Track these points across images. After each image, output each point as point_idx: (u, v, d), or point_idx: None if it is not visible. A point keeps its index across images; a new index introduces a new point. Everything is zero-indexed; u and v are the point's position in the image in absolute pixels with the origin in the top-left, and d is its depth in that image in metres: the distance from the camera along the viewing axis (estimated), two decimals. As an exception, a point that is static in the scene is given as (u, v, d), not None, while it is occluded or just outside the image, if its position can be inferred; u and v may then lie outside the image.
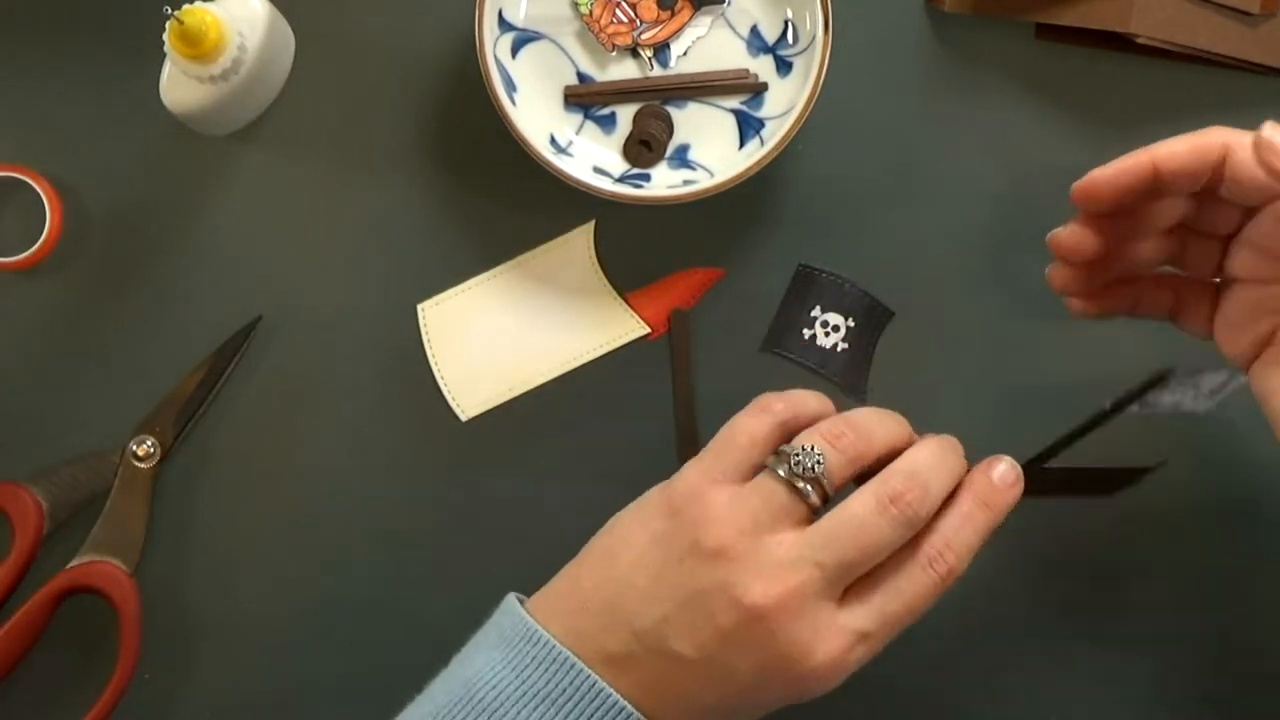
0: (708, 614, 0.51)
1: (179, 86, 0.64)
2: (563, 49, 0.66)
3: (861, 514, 0.52)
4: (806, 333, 0.66)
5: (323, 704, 0.67)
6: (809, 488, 0.53)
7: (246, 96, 0.65)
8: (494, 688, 0.52)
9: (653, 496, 0.55)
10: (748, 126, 0.65)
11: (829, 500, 0.53)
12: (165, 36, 0.61)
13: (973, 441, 0.56)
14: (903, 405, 0.57)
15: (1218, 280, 0.58)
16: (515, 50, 0.65)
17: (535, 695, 0.51)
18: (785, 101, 0.65)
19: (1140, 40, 0.64)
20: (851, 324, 0.66)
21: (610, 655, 0.52)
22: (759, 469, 0.54)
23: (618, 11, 0.65)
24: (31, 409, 0.68)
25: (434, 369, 0.68)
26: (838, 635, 0.51)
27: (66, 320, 0.68)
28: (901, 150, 0.67)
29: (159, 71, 0.65)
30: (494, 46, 0.64)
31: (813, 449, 0.53)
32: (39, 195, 0.67)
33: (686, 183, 0.64)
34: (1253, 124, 0.66)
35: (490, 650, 0.53)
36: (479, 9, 0.63)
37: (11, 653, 0.65)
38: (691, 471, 0.54)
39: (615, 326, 0.68)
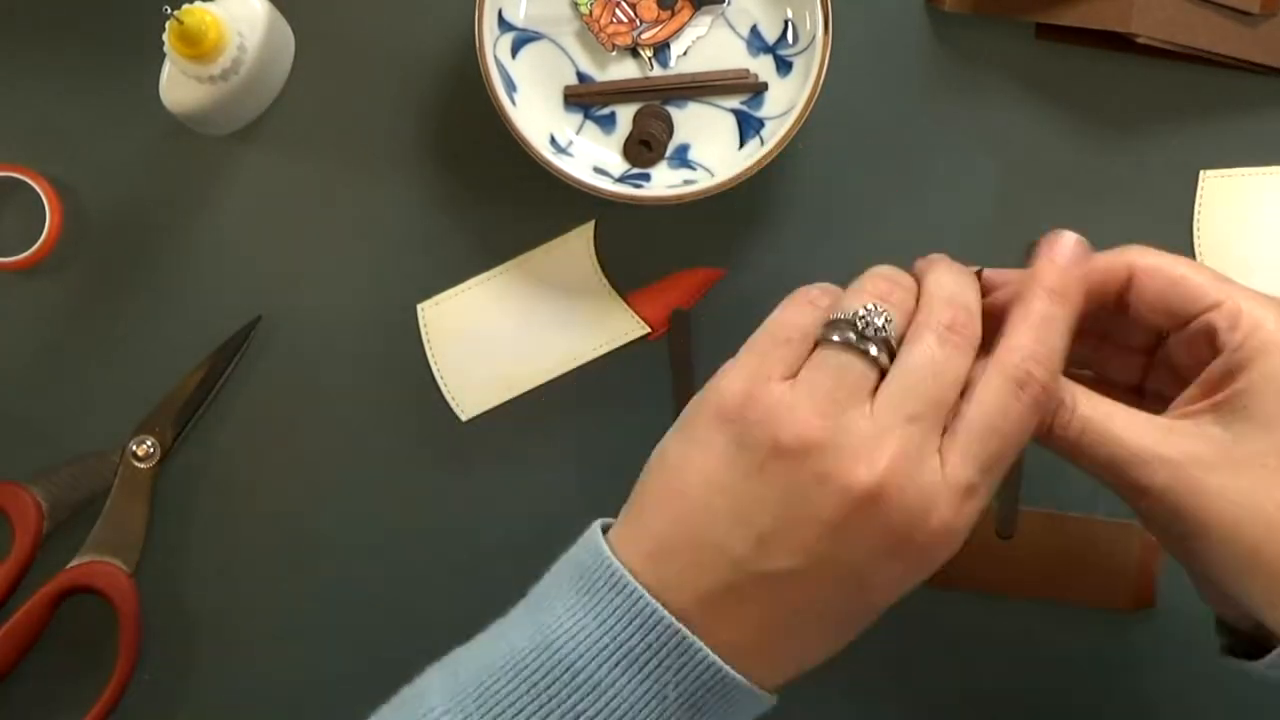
0: (811, 513, 0.46)
1: (178, 87, 0.64)
2: (563, 49, 0.66)
3: (929, 353, 0.48)
4: None
5: (323, 703, 0.67)
6: (881, 351, 0.48)
7: (247, 96, 0.65)
8: (574, 638, 0.47)
9: (699, 414, 0.49)
10: (748, 126, 0.65)
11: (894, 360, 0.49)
12: (165, 36, 0.61)
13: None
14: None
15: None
16: (515, 50, 0.65)
17: (620, 651, 0.46)
18: (785, 101, 0.65)
19: (1140, 40, 0.64)
20: None
21: (707, 596, 0.47)
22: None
23: (618, 11, 0.65)
24: (31, 409, 0.68)
25: (434, 369, 0.68)
26: (948, 494, 0.47)
27: (66, 320, 0.68)
28: (901, 150, 0.67)
29: (159, 71, 0.65)
30: (494, 46, 0.64)
31: (877, 308, 0.49)
32: (39, 195, 0.67)
33: (686, 183, 0.64)
34: (1252, 124, 0.66)
35: (570, 594, 0.48)
36: (479, 9, 0.63)
37: (11, 653, 0.65)
38: (734, 375, 0.49)
39: (615, 326, 0.68)
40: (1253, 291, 0.50)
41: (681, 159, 0.65)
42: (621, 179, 0.65)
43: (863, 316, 0.49)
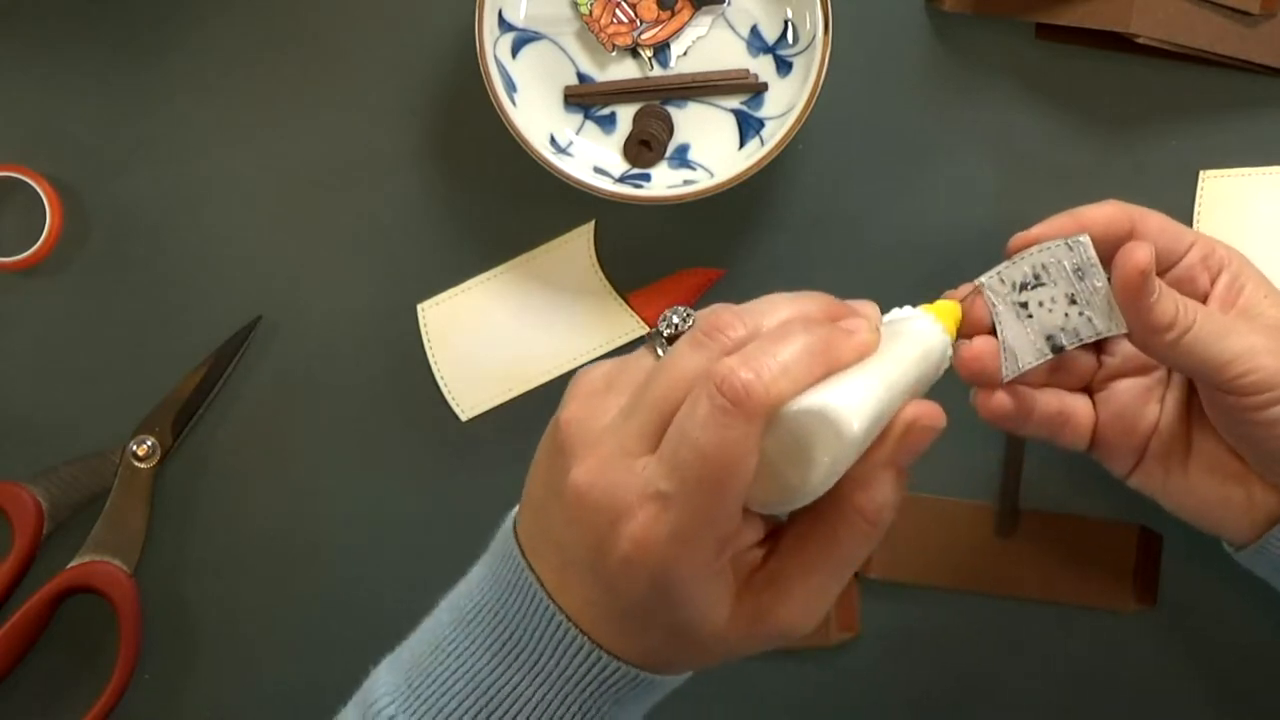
0: (551, 497, 0.47)
1: None
2: (563, 49, 0.66)
3: (670, 357, 0.46)
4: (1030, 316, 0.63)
5: (323, 704, 0.67)
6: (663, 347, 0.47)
7: None
8: (475, 607, 0.50)
9: None
10: (748, 126, 0.65)
11: None
12: None
13: (972, 433, 0.56)
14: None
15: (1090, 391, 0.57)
16: (515, 50, 0.65)
17: (501, 615, 0.49)
18: (785, 101, 0.65)
19: (1140, 40, 0.64)
20: (1071, 291, 0.63)
21: (540, 554, 0.48)
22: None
23: (618, 11, 0.65)
24: (32, 409, 0.68)
25: (434, 369, 0.68)
26: (637, 498, 0.44)
27: (66, 320, 0.68)
28: (901, 150, 0.67)
29: (159, 70, 0.65)
30: (494, 46, 0.64)
31: (685, 312, 0.48)
32: (39, 195, 0.67)
33: (686, 183, 0.64)
34: (1252, 124, 0.66)
35: (481, 567, 0.52)
36: (479, 9, 0.63)
37: (11, 653, 0.65)
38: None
39: (615, 326, 0.68)
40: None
41: (681, 159, 0.65)
42: (621, 179, 0.65)
43: (666, 318, 0.48)
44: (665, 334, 0.48)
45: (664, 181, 0.65)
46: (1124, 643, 0.66)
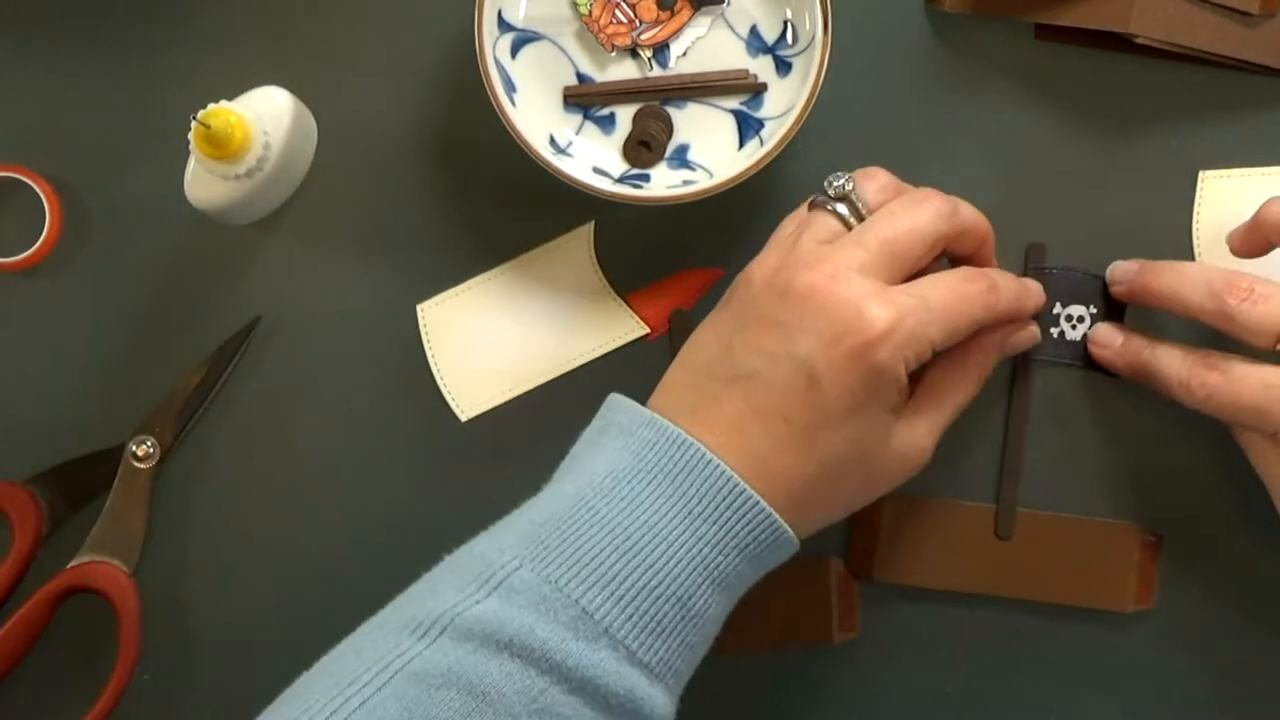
0: (764, 314, 0.55)
1: (203, 185, 0.64)
2: (562, 49, 0.66)
3: (898, 208, 0.57)
4: (1054, 331, 0.66)
5: (323, 704, 0.67)
6: (846, 207, 0.57)
7: (271, 189, 0.66)
8: (611, 474, 0.54)
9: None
10: (747, 126, 0.65)
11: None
12: (190, 138, 0.62)
13: (971, 434, 0.56)
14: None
15: None
16: (515, 51, 0.65)
17: (653, 471, 0.53)
18: (785, 101, 0.65)
19: (1140, 40, 0.64)
20: (1094, 311, 0.66)
21: (691, 407, 0.55)
22: None
23: (617, 12, 0.65)
24: (31, 409, 0.68)
25: (434, 369, 0.68)
26: (888, 301, 0.54)
27: (66, 320, 0.68)
28: (901, 150, 0.67)
29: (159, 71, 0.65)
30: (494, 47, 0.64)
31: (840, 174, 0.58)
32: (39, 195, 0.67)
33: (686, 183, 0.64)
34: (1252, 124, 0.66)
35: (610, 444, 0.55)
36: (479, 9, 0.63)
37: (11, 653, 0.65)
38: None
39: (615, 326, 0.68)
40: None
41: (681, 159, 0.65)
42: (621, 179, 0.65)
43: (829, 181, 0.58)
44: (833, 195, 0.58)
45: (664, 182, 0.65)
46: (1123, 643, 0.66)
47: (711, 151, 0.65)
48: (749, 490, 0.53)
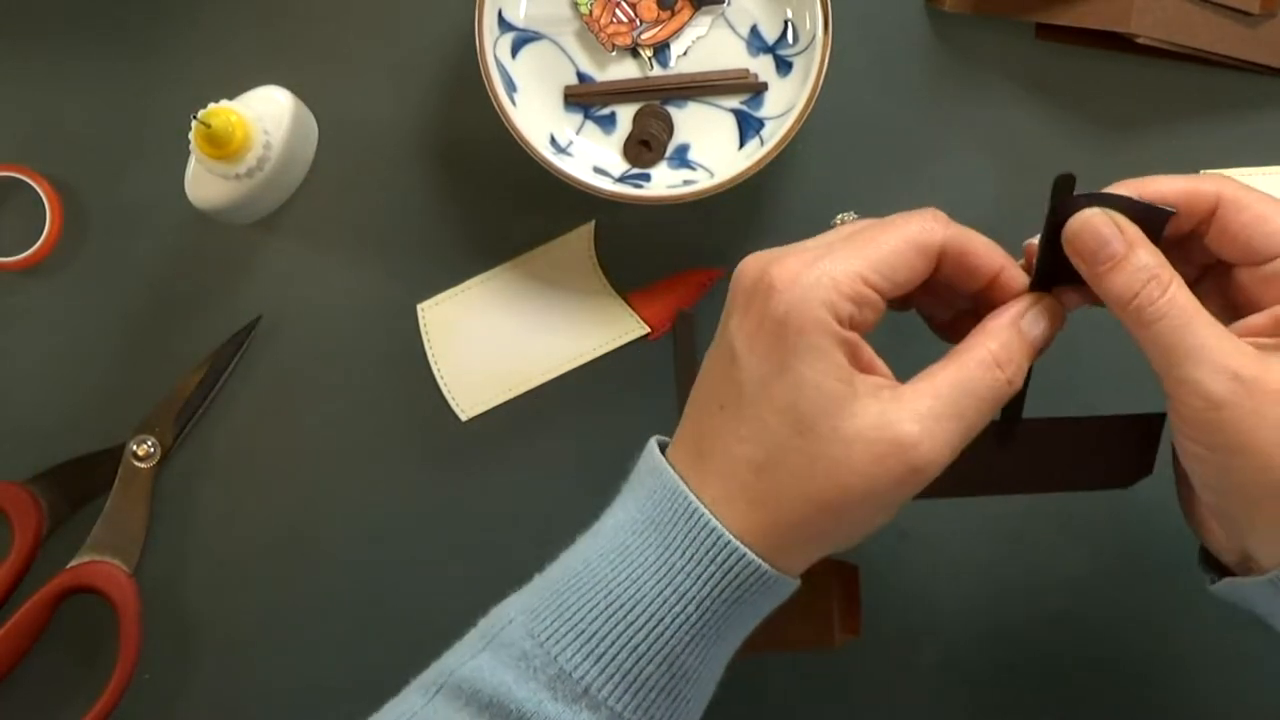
0: (729, 319, 0.51)
1: (203, 185, 0.64)
2: (563, 49, 0.66)
3: (878, 219, 0.52)
4: None
5: (323, 704, 0.67)
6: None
7: (271, 189, 0.66)
8: (615, 527, 0.51)
9: None
10: (748, 126, 0.65)
11: None
12: (190, 138, 0.62)
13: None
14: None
15: None
16: (515, 50, 0.65)
17: (648, 523, 0.50)
18: (785, 101, 0.65)
19: (1140, 40, 0.64)
20: None
21: (687, 447, 0.51)
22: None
23: (617, 11, 0.65)
24: (32, 409, 0.68)
25: (434, 369, 0.68)
26: (794, 253, 0.50)
27: (66, 320, 0.68)
28: (901, 150, 0.67)
29: (159, 71, 0.65)
30: (494, 46, 0.64)
31: (850, 213, 0.58)
32: (39, 195, 0.67)
33: (686, 183, 0.64)
34: (1252, 124, 0.66)
35: (625, 493, 0.53)
36: (479, 9, 0.63)
37: (11, 653, 0.65)
38: None
39: (615, 326, 0.67)
40: None
41: (681, 159, 0.65)
42: (621, 179, 0.65)
43: (838, 218, 0.57)
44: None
45: (664, 181, 0.65)
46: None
47: (712, 151, 0.65)
48: (727, 536, 0.48)
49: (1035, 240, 0.53)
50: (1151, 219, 0.50)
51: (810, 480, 0.48)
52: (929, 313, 0.55)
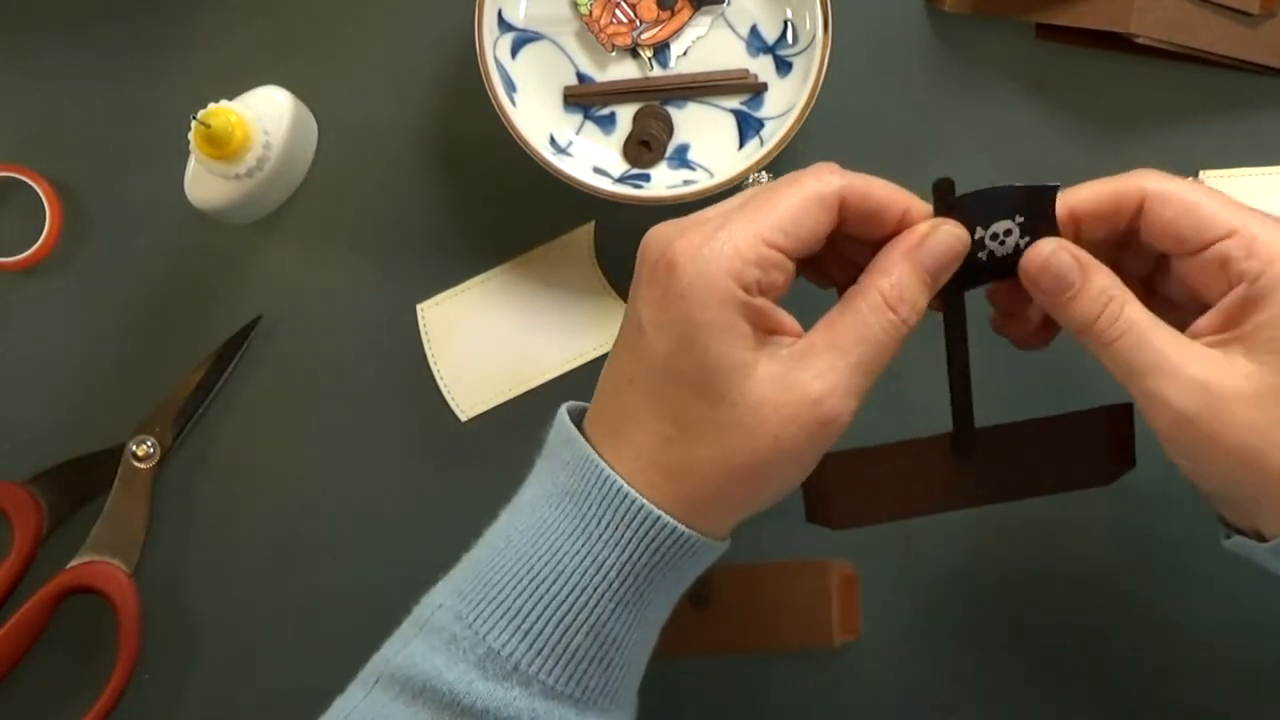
0: (635, 290, 0.51)
1: (203, 185, 0.64)
2: (562, 49, 0.66)
3: (775, 180, 0.52)
4: (981, 255, 0.53)
5: (323, 704, 0.67)
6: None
7: (271, 189, 0.66)
8: (531, 501, 0.52)
9: None
10: (748, 126, 0.65)
11: None
12: (190, 138, 0.62)
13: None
14: (908, 405, 0.56)
15: None
16: (515, 50, 0.65)
17: (563, 494, 0.50)
18: (785, 101, 0.65)
19: (1140, 40, 0.64)
20: (1022, 220, 0.53)
21: (608, 422, 0.51)
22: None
23: (617, 12, 0.65)
24: (32, 409, 0.68)
25: (434, 369, 0.68)
26: (694, 223, 0.49)
27: (66, 320, 0.68)
28: (901, 150, 0.67)
29: (159, 71, 0.65)
30: (494, 47, 0.64)
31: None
32: (39, 195, 0.67)
33: (686, 183, 0.64)
34: (1253, 124, 0.66)
35: (538, 466, 0.53)
36: (479, 9, 0.63)
37: (11, 653, 0.65)
38: None
39: (615, 326, 0.67)
40: (1268, 217, 0.49)
41: (681, 159, 0.65)
42: (621, 179, 0.65)
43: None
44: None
45: (664, 182, 0.65)
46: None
47: (712, 151, 0.65)
48: (641, 501, 0.49)
49: (943, 179, 0.52)
50: (1039, 199, 0.51)
51: (724, 449, 0.48)
52: (847, 282, 0.53)
